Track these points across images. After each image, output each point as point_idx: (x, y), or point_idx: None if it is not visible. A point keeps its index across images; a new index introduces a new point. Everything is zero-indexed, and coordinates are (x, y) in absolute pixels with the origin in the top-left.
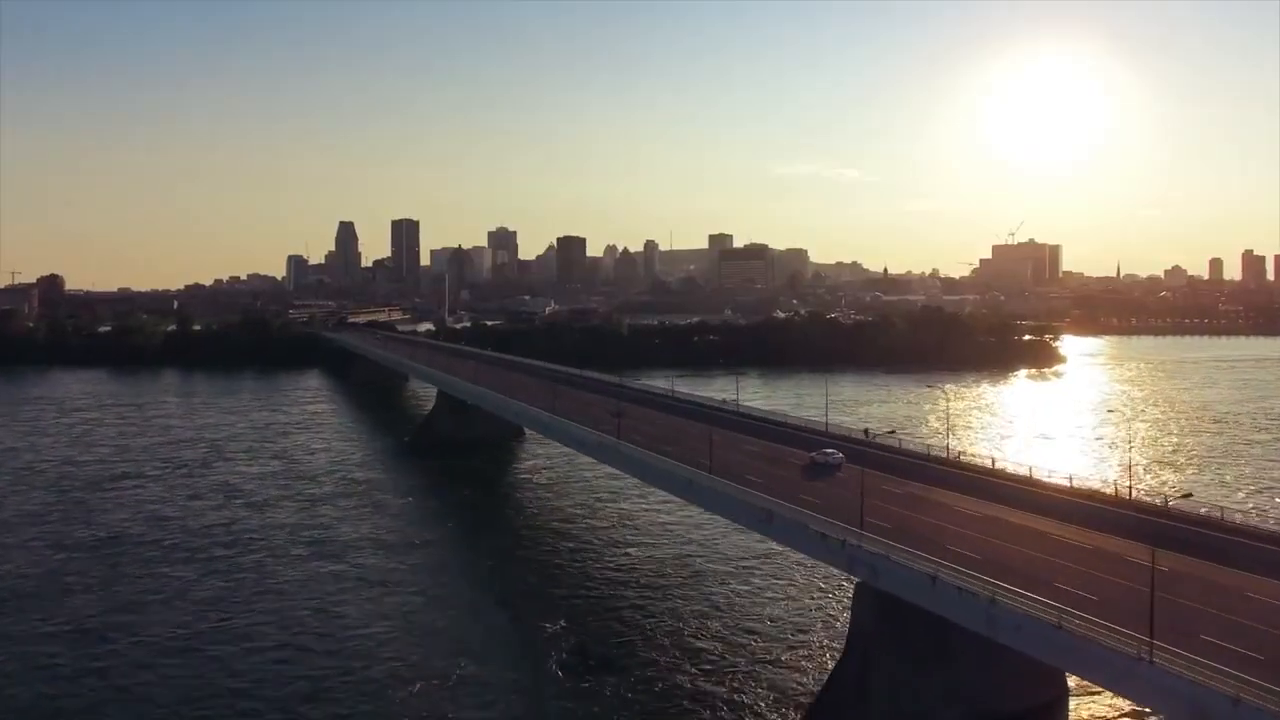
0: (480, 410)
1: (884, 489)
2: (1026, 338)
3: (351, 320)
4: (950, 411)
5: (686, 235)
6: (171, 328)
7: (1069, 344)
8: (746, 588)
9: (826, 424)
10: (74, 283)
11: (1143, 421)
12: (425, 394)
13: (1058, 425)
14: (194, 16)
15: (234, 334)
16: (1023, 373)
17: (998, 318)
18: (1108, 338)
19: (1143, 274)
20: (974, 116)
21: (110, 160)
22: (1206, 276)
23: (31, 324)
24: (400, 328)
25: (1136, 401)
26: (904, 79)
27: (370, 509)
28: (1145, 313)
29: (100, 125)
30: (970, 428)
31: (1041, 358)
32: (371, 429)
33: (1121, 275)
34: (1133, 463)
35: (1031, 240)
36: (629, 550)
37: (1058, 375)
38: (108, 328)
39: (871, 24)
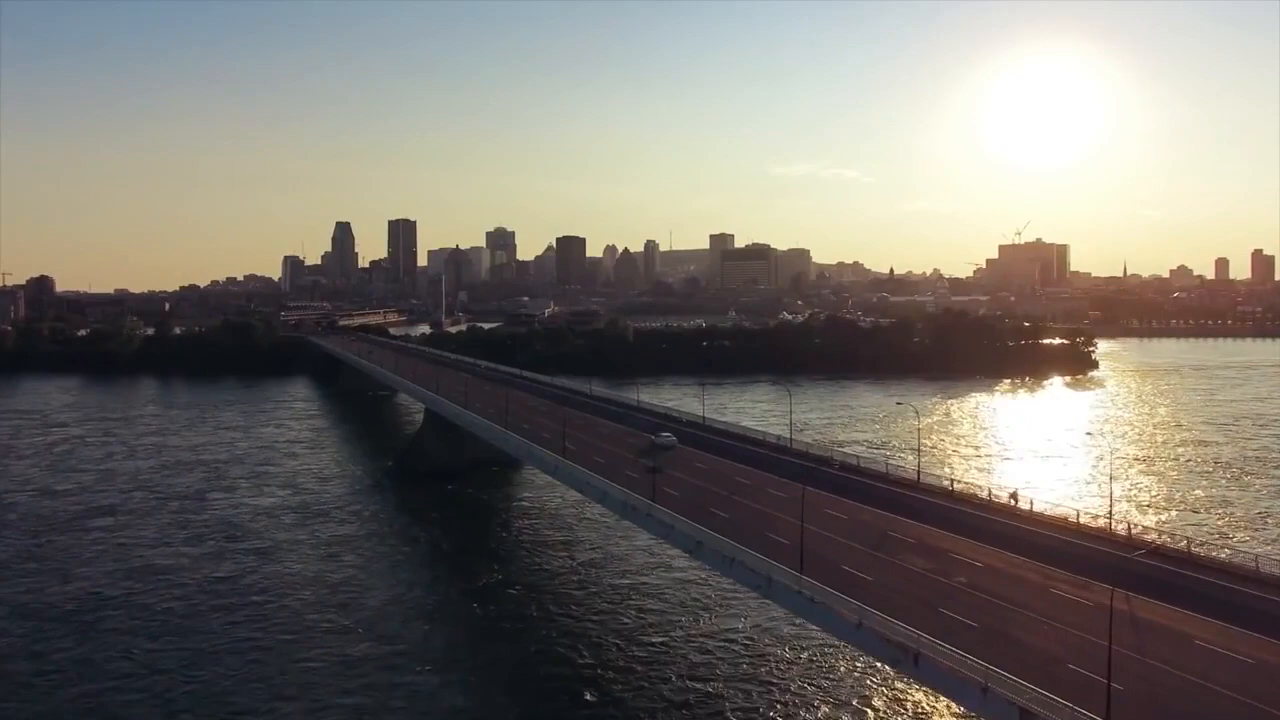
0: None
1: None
2: (1057, 341)
3: (343, 324)
4: (1025, 429)
5: (686, 235)
6: (149, 332)
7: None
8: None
9: (949, 483)
10: (72, 284)
11: (1268, 440)
12: (416, 404)
13: (1166, 448)
14: (191, 16)
15: (216, 339)
16: (1057, 380)
17: (1020, 319)
18: (1126, 340)
19: (1146, 274)
20: (973, 117)
21: (108, 161)
22: (1212, 276)
23: (9, 328)
24: (394, 331)
25: (1223, 416)
26: (903, 79)
27: (384, 558)
28: (1161, 314)
29: (97, 125)
30: (1060, 452)
31: (1073, 363)
32: (359, 449)
33: (1127, 275)
34: None
35: (1039, 240)
36: (707, 617)
37: (1098, 383)
38: (85, 332)
39: (871, 24)
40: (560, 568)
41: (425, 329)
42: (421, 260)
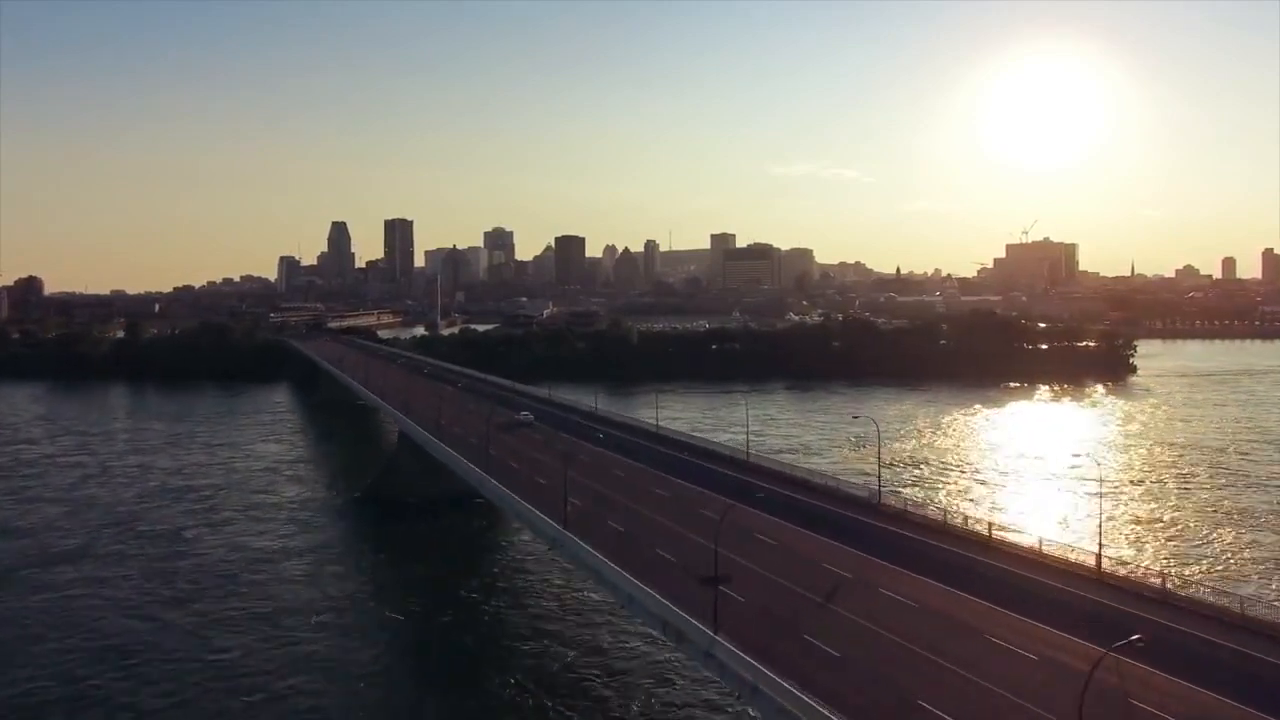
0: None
1: None
2: (1091, 344)
3: (333, 325)
4: (1133, 451)
5: (687, 235)
6: (120, 335)
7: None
8: None
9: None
10: (68, 285)
11: None
12: None
13: None
14: (190, 16)
15: (192, 342)
16: (1099, 387)
17: (1035, 320)
18: (1149, 342)
19: (1150, 274)
20: (973, 117)
21: (105, 161)
22: (1219, 275)
23: None
24: (387, 333)
25: None
26: (903, 79)
27: (397, 630)
28: (1182, 314)
29: (95, 126)
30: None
31: (1108, 368)
32: (340, 473)
33: (1134, 275)
34: None
35: (1047, 239)
36: None
37: (1151, 391)
38: (53, 334)
39: (871, 24)
40: (626, 658)
41: (421, 330)
42: (419, 261)
